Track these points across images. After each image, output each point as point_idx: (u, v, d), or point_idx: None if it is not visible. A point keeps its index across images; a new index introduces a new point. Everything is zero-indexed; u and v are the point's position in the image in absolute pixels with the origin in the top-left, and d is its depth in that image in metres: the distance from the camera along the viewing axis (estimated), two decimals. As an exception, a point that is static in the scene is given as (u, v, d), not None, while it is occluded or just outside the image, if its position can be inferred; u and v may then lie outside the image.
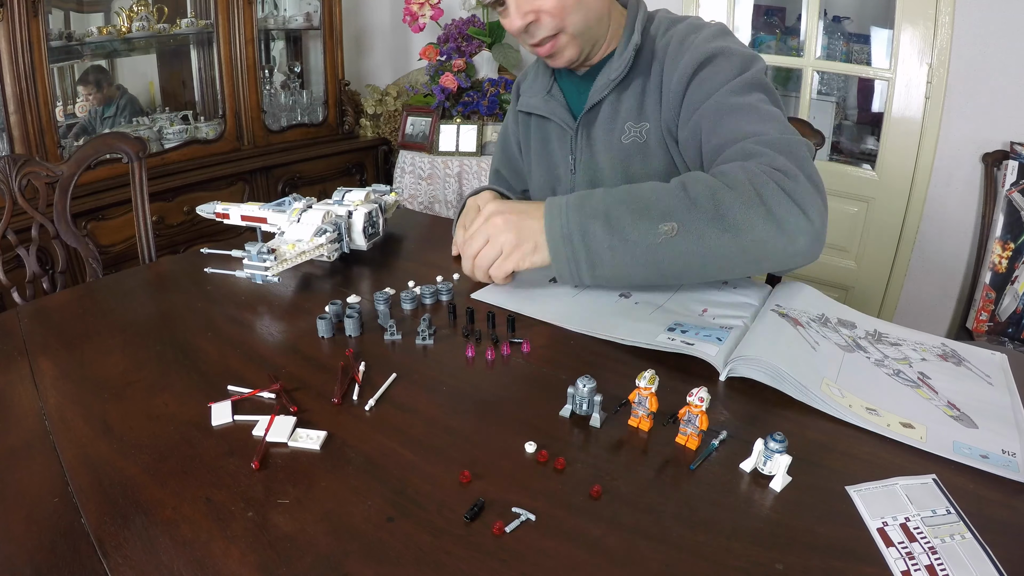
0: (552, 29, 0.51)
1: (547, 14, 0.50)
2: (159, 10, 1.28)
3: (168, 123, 1.34)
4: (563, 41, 0.52)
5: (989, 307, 1.04)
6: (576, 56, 0.55)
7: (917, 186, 1.16)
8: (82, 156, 0.76)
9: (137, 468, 0.32)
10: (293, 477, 0.31)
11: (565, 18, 0.50)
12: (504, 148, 0.71)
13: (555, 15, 0.50)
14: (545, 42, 0.52)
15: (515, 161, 0.70)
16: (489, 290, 0.52)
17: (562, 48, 0.53)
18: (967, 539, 0.27)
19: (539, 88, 0.62)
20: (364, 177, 1.65)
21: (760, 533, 0.28)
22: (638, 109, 0.55)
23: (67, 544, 0.27)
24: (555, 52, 0.54)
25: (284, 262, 0.51)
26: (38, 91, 1.06)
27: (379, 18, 1.76)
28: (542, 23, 0.50)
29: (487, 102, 1.39)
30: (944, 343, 0.44)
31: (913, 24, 1.09)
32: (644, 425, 0.35)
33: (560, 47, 0.53)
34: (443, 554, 0.27)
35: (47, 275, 0.76)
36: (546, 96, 0.61)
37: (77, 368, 0.42)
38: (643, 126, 0.55)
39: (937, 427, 0.35)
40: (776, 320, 0.44)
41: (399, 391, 0.39)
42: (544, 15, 0.50)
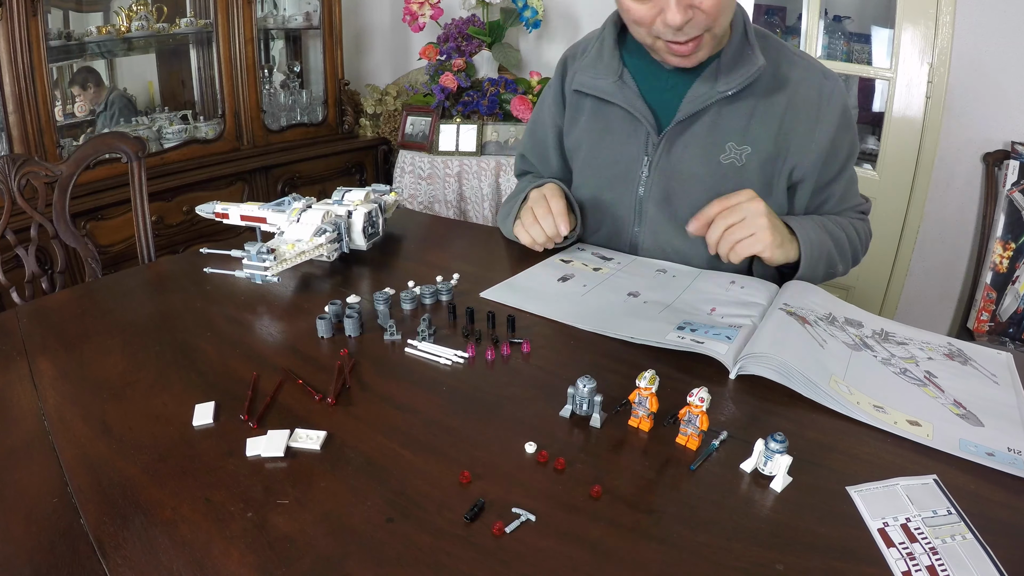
0: (703, 28, 0.48)
1: (703, 11, 0.47)
2: (158, 9, 1.28)
3: (167, 123, 1.33)
4: (706, 39, 0.50)
5: (990, 307, 1.04)
6: (706, 57, 0.52)
7: (918, 186, 1.16)
8: (81, 156, 0.76)
9: (136, 468, 0.32)
10: (293, 477, 0.31)
11: (718, 16, 0.48)
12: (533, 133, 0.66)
13: (710, 14, 0.47)
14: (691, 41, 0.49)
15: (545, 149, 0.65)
16: (498, 289, 0.52)
17: (702, 47, 0.50)
18: (968, 540, 0.27)
19: (605, 70, 0.57)
20: (364, 177, 1.64)
21: (761, 533, 0.28)
22: (744, 130, 0.53)
23: (66, 544, 0.27)
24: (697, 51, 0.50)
25: (283, 262, 0.51)
26: (37, 91, 1.05)
27: (379, 17, 1.75)
28: (696, 21, 0.47)
29: (487, 102, 1.38)
30: (950, 342, 0.45)
31: (914, 23, 1.09)
32: (644, 425, 0.35)
33: (703, 45, 0.50)
34: (443, 555, 0.27)
35: (46, 275, 0.76)
36: (617, 81, 0.56)
37: (76, 368, 0.42)
38: (744, 149, 0.53)
39: (943, 425, 0.35)
40: (784, 318, 0.44)
41: (399, 391, 0.39)
42: (700, 12, 0.47)
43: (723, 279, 0.53)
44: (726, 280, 0.53)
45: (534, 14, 1.39)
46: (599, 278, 0.54)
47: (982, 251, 1.09)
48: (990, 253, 1.04)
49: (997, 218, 1.04)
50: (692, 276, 0.55)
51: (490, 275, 0.55)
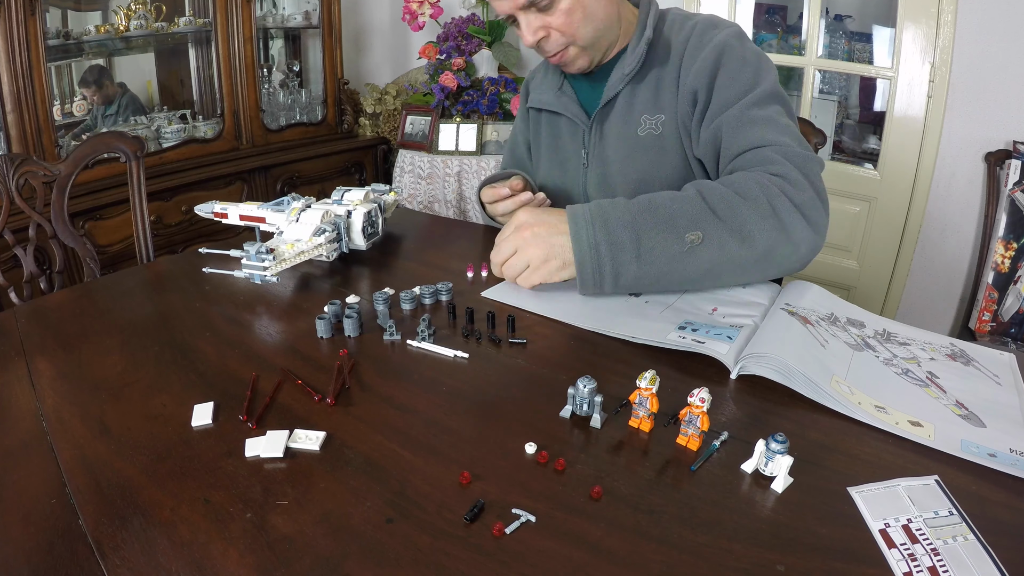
0: (562, 44, 0.54)
1: (556, 30, 0.53)
2: (157, 8, 1.27)
3: (166, 122, 1.33)
4: (573, 52, 0.55)
5: (992, 307, 1.04)
6: (587, 64, 0.58)
7: (919, 185, 1.16)
8: (80, 155, 0.75)
9: (135, 469, 0.32)
10: (292, 478, 0.31)
11: (574, 32, 0.53)
12: (513, 150, 0.73)
13: (564, 31, 0.53)
14: (556, 54, 0.55)
15: (524, 163, 0.72)
16: (499, 289, 0.52)
17: (573, 59, 0.56)
18: (970, 540, 0.27)
19: (549, 85, 0.64)
20: (363, 176, 1.64)
21: (761, 534, 0.28)
22: (653, 101, 0.57)
23: (65, 545, 0.27)
24: (565, 61, 0.56)
25: (283, 262, 0.51)
26: (35, 90, 1.05)
27: (378, 17, 1.75)
28: (552, 39, 0.54)
29: (487, 101, 1.38)
30: (953, 343, 0.44)
31: (915, 23, 1.09)
32: (645, 426, 0.35)
33: (571, 57, 0.56)
34: (443, 555, 0.26)
35: (44, 275, 0.76)
36: (557, 92, 0.63)
37: (75, 368, 0.41)
38: (659, 118, 0.56)
39: (945, 426, 0.35)
40: (786, 318, 0.44)
41: (398, 391, 0.38)
42: (554, 31, 0.53)
43: None
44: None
45: (534, 13, 1.38)
46: (599, 278, 0.54)
47: (984, 251, 1.08)
48: (992, 253, 1.04)
49: (999, 218, 1.04)
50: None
51: (490, 275, 0.55)
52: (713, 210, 0.44)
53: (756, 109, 0.50)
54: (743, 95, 0.50)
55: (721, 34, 0.53)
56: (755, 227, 0.44)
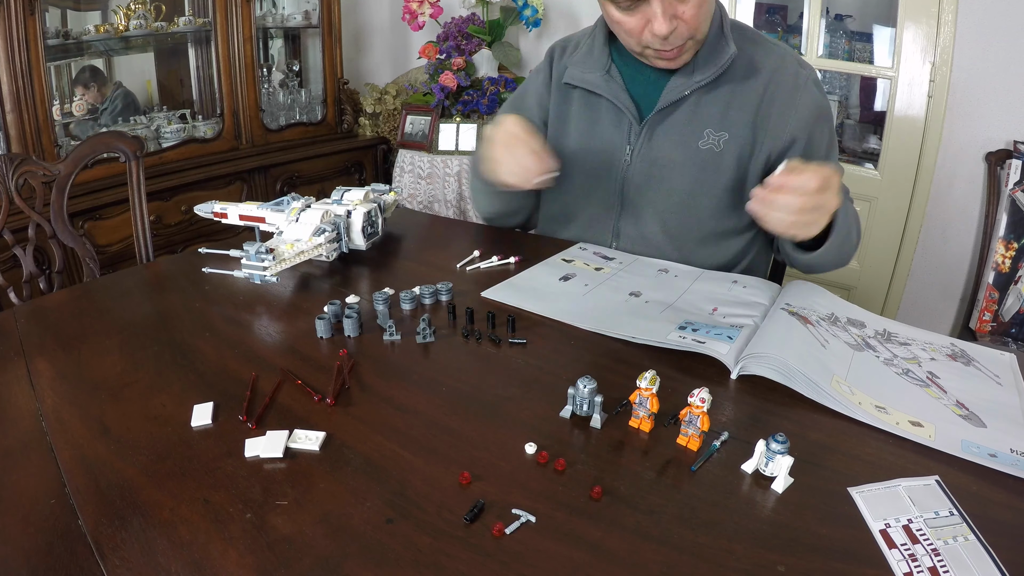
0: (686, 37, 0.52)
1: (684, 22, 0.51)
2: (156, 8, 1.27)
3: (166, 122, 1.33)
4: (689, 46, 0.53)
5: (992, 307, 1.04)
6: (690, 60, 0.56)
7: (920, 185, 1.16)
8: (79, 155, 0.75)
9: (134, 469, 0.31)
10: (292, 478, 0.31)
11: (699, 25, 0.52)
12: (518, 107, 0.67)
13: (691, 24, 0.51)
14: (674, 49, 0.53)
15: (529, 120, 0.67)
16: (499, 288, 0.52)
17: (686, 51, 0.54)
18: (970, 541, 0.27)
19: (595, 64, 0.60)
20: (363, 176, 1.64)
21: (762, 535, 0.27)
22: (721, 117, 0.56)
23: (64, 546, 0.27)
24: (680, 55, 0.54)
25: (282, 262, 0.51)
26: (35, 89, 1.05)
27: (378, 16, 1.75)
28: (679, 31, 0.51)
29: (487, 101, 1.38)
30: (953, 343, 0.44)
31: (916, 22, 1.09)
32: (645, 426, 0.34)
33: (686, 51, 0.54)
34: (443, 556, 0.26)
35: (44, 275, 0.76)
36: (605, 75, 0.59)
37: (74, 369, 0.41)
38: (722, 136, 0.56)
39: (946, 426, 0.35)
40: (786, 318, 0.44)
41: (398, 392, 0.38)
42: (681, 23, 0.51)
43: (725, 279, 0.53)
44: (728, 280, 0.53)
45: (534, 12, 1.39)
46: (600, 278, 0.54)
47: (984, 251, 1.08)
48: (992, 253, 1.04)
49: (999, 218, 1.03)
50: (694, 276, 0.54)
51: (490, 275, 0.55)
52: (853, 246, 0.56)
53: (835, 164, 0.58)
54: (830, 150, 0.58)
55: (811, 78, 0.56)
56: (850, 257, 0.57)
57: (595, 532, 0.28)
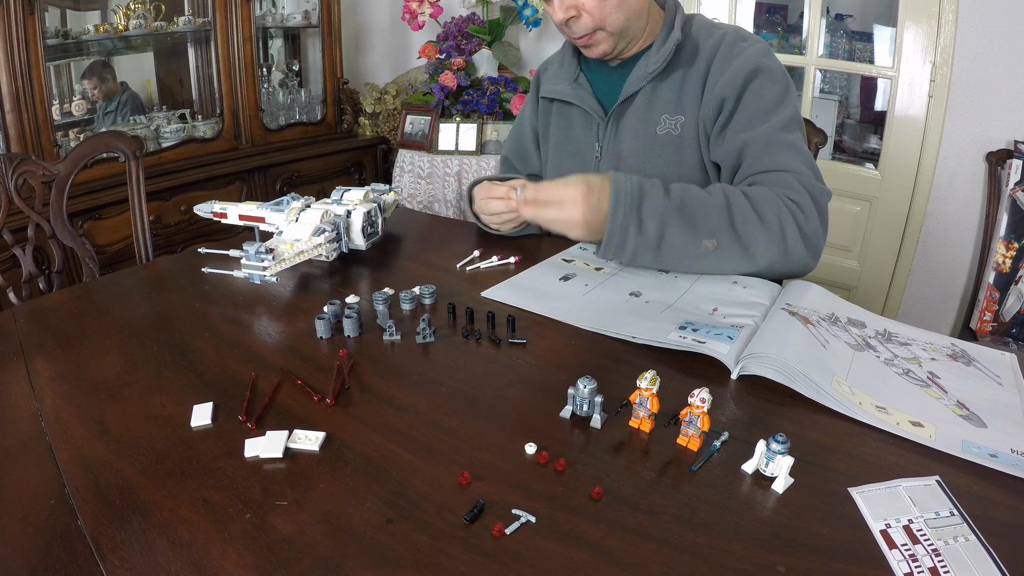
0: (590, 27, 0.55)
1: (587, 12, 0.54)
2: (156, 8, 1.27)
3: (165, 122, 1.33)
4: (600, 36, 0.56)
5: (993, 307, 1.04)
6: (610, 50, 0.58)
7: (920, 185, 1.16)
8: (78, 155, 0.75)
9: (134, 469, 0.31)
10: (291, 478, 0.31)
11: (605, 17, 0.54)
12: (518, 138, 0.73)
13: (594, 14, 0.54)
14: (583, 36, 0.56)
15: (526, 151, 0.72)
16: (499, 288, 0.52)
17: (598, 42, 0.57)
18: (971, 541, 0.27)
19: (565, 75, 0.64)
20: (363, 176, 1.64)
21: (762, 535, 0.27)
22: (675, 102, 0.58)
23: (63, 546, 0.27)
24: (591, 45, 0.57)
25: (282, 262, 0.51)
26: (34, 89, 1.05)
27: (378, 16, 1.75)
28: (582, 20, 0.54)
29: (487, 100, 1.38)
30: (954, 343, 0.44)
31: (916, 22, 1.09)
32: (645, 426, 0.34)
33: (596, 41, 0.57)
34: (442, 556, 0.26)
35: (43, 275, 0.75)
36: (573, 84, 0.63)
37: (73, 369, 0.41)
38: (679, 119, 0.58)
39: (946, 426, 0.35)
40: (786, 318, 0.44)
41: (398, 392, 0.38)
42: (584, 12, 0.54)
43: (725, 279, 0.53)
44: (728, 280, 0.53)
45: (534, 12, 1.39)
46: (601, 277, 0.54)
47: (985, 251, 1.08)
48: (993, 253, 1.04)
49: (1000, 217, 1.03)
50: (695, 277, 0.54)
51: (490, 274, 0.55)
52: (732, 224, 0.49)
53: (783, 133, 0.54)
54: (770, 114, 0.54)
55: (752, 48, 0.55)
56: (763, 248, 0.50)
57: (595, 532, 0.28)
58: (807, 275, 0.56)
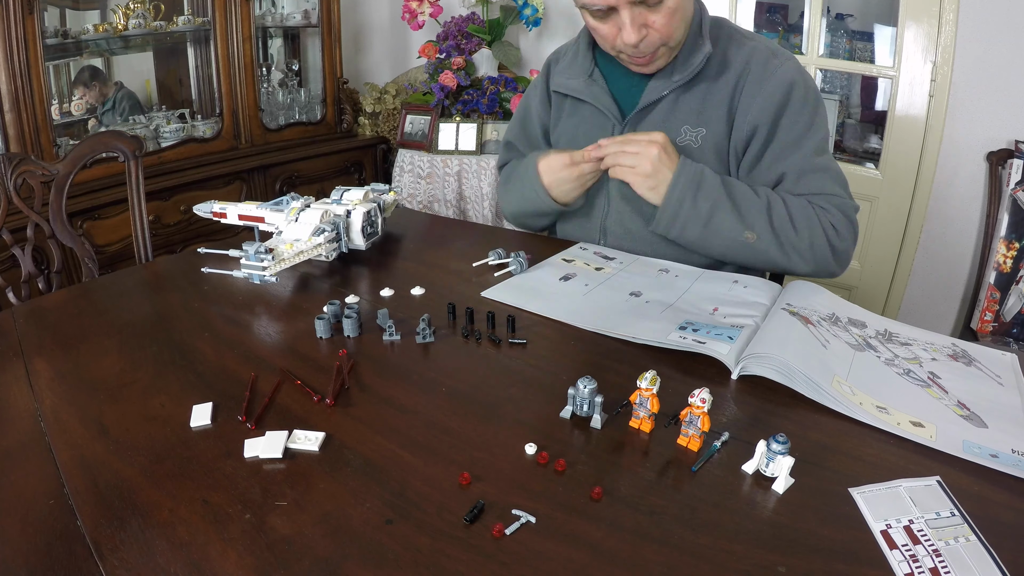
0: (657, 44, 0.54)
1: (655, 30, 0.52)
2: (155, 7, 1.27)
3: (165, 121, 1.33)
4: (662, 52, 0.55)
5: (994, 307, 1.04)
6: (664, 65, 0.57)
7: (921, 185, 1.16)
8: (78, 155, 0.75)
9: (133, 470, 0.31)
10: (291, 479, 0.31)
11: (671, 33, 0.53)
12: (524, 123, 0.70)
13: (662, 31, 0.52)
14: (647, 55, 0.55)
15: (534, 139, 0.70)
16: (499, 288, 0.52)
17: (658, 58, 0.56)
18: (971, 541, 0.27)
19: (579, 70, 0.62)
20: (363, 176, 1.64)
21: (762, 535, 0.27)
22: (698, 114, 0.57)
23: (63, 547, 0.27)
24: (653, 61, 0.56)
25: (282, 262, 0.51)
26: (33, 89, 1.05)
27: (378, 15, 1.75)
28: (650, 39, 0.53)
29: (487, 100, 1.38)
30: (954, 343, 0.44)
31: (917, 21, 1.09)
32: (645, 426, 0.34)
33: (658, 57, 0.56)
34: (442, 556, 0.26)
35: (42, 275, 0.75)
36: (587, 80, 0.61)
37: (73, 369, 0.41)
38: (700, 131, 0.57)
39: (947, 426, 0.35)
40: (787, 318, 0.44)
41: (398, 392, 0.38)
42: (652, 31, 0.52)
43: (726, 279, 0.53)
44: (729, 280, 0.53)
45: (534, 12, 1.39)
46: (601, 277, 0.54)
47: (986, 251, 1.08)
48: (994, 253, 1.04)
49: (1001, 217, 1.03)
50: (694, 276, 0.54)
51: (490, 274, 0.55)
52: (771, 223, 0.53)
53: (818, 158, 0.55)
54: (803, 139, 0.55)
55: (784, 67, 0.55)
56: (792, 252, 0.54)
57: (595, 533, 0.27)
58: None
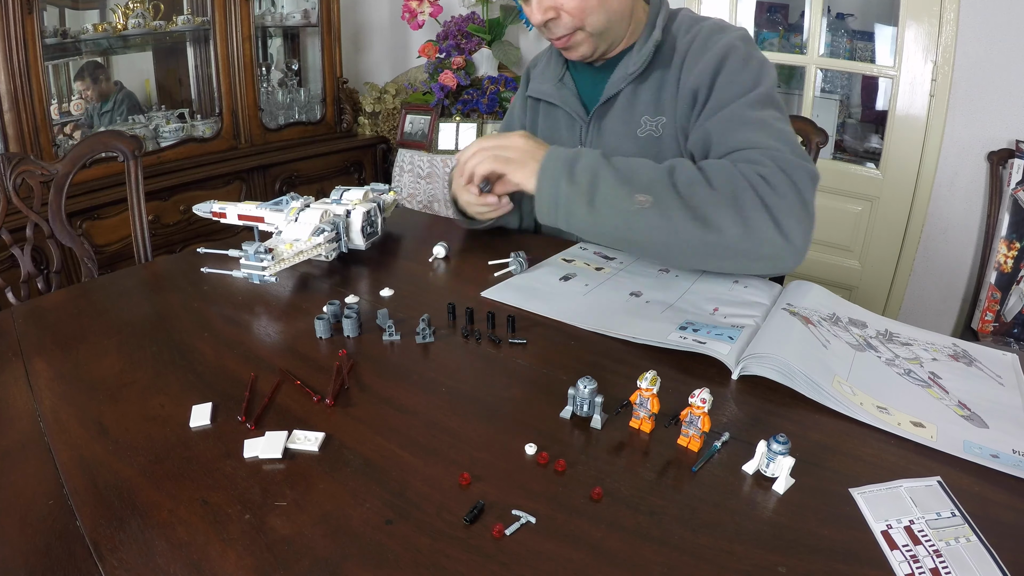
0: (570, 27, 0.54)
1: (567, 13, 0.52)
2: (155, 7, 1.27)
3: (164, 121, 1.33)
4: (579, 37, 0.55)
5: (994, 307, 1.04)
6: (590, 52, 0.57)
7: (922, 185, 1.16)
8: (77, 155, 0.75)
9: (133, 470, 0.31)
10: (291, 479, 0.31)
11: (584, 18, 0.53)
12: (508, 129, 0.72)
13: (574, 14, 0.52)
14: (562, 37, 0.55)
15: None
16: (499, 288, 0.51)
17: (577, 44, 0.56)
18: (972, 542, 0.27)
19: (551, 75, 0.64)
20: (362, 176, 1.64)
21: (763, 536, 0.27)
22: (655, 103, 0.57)
23: (62, 547, 0.27)
24: (570, 46, 0.56)
25: (281, 262, 0.51)
26: (33, 89, 1.05)
27: (377, 15, 1.75)
28: (561, 20, 0.53)
29: (487, 100, 1.38)
30: (955, 343, 0.44)
31: (918, 21, 1.09)
32: (645, 426, 0.34)
33: (576, 42, 0.56)
34: (442, 557, 0.26)
35: (42, 275, 0.75)
36: (558, 84, 0.63)
37: (72, 369, 0.41)
38: (659, 120, 0.57)
39: (948, 426, 0.34)
40: (787, 318, 0.44)
41: (398, 392, 0.38)
42: (564, 13, 0.53)
43: (726, 279, 0.53)
44: (729, 280, 0.53)
45: (534, 11, 1.38)
46: (601, 277, 0.54)
47: (986, 251, 1.08)
48: (994, 253, 1.04)
49: (1001, 217, 1.03)
50: (695, 276, 0.54)
51: (490, 274, 0.55)
52: (674, 183, 0.45)
53: (751, 110, 0.50)
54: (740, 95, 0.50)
55: (726, 37, 0.54)
56: (710, 212, 0.44)
57: (595, 533, 0.27)
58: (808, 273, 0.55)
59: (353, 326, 0.44)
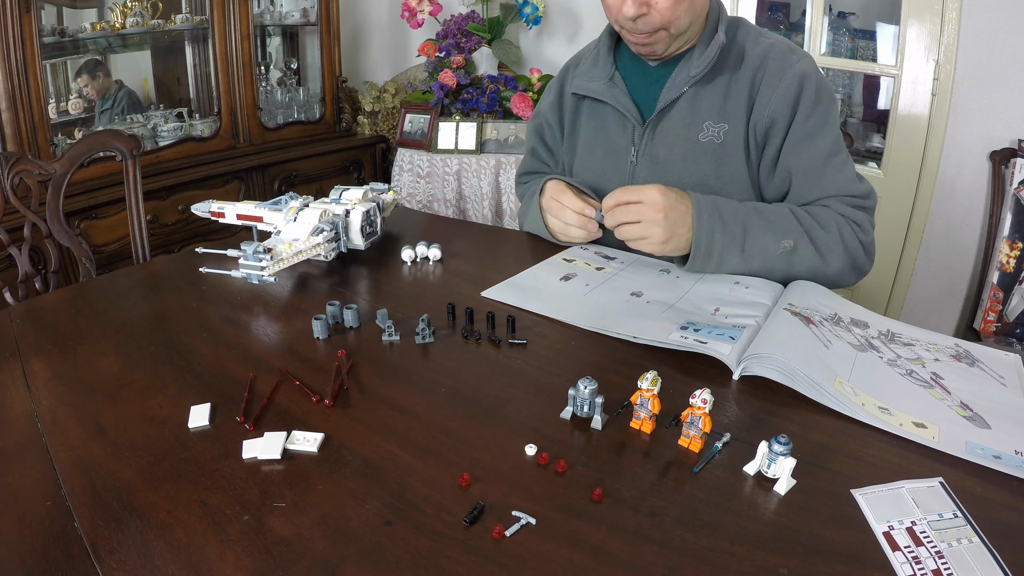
0: (656, 26, 0.53)
1: (658, 11, 0.52)
2: (153, 6, 1.26)
3: (163, 120, 1.32)
4: (660, 36, 0.54)
5: (997, 307, 1.03)
6: (664, 51, 0.57)
7: (923, 185, 1.16)
8: (75, 154, 0.75)
9: (131, 471, 0.31)
10: (290, 480, 0.31)
11: (674, 18, 0.52)
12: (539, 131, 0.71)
13: (664, 14, 0.52)
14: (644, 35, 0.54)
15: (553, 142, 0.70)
16: (499, 288, 0.51)
17: (656, 42, 0.55)
18: (974, 543, 0.27)
19: (599, 74, 0.62)
20: (362, 175, 1.63)
21: (764, 537, 0.27)
22: (720, 109, 0.57)
23: (60, 548, 0.27)
24: (649, 43, 0.55)
25: (280, 262, 0.51)
26: (30, 88, 1.04)
27: (377, 14, 1.74)
28: (650, 18, 0.52)
29: (486, 99, 1.37)
30: (957, 343, 0.44)
31: (920, 20, 1.08)
32: (646, 427, 0.34)
33: (655, 40, 0.55)
34: (442, 558, 0.26)
35: (39, 275, 0.75)
36: (608, 83, 0.61)
37: (70, 369, 0.41)
38: (722, 127, 0.57)
39: (950, 427, 0.34)
40: (789, 319, 0.44)
41: (397, 393, 0.38)
42: (655, 11, 0.52)
43: (727, 279, 0.53)
44: (730, 280, 0.53)
45: (534, 10, 1.38)
46: (602, 277, 0.54)
47: (989, 250, 1.08)
48: (997, 252, 1.03)
49: (1004, 217, 1.03)
50: (696, 276, 0.54)
51: (490, 274, 0.55)
52: (803, 227, 0.53)
53: (832, 158, 0.55)
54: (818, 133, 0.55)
55: (801, 62, 0.55)
56: (828, 253, 0.52)
57: (596, 534, 0.27)
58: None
59: (354, 316, 0.44)
